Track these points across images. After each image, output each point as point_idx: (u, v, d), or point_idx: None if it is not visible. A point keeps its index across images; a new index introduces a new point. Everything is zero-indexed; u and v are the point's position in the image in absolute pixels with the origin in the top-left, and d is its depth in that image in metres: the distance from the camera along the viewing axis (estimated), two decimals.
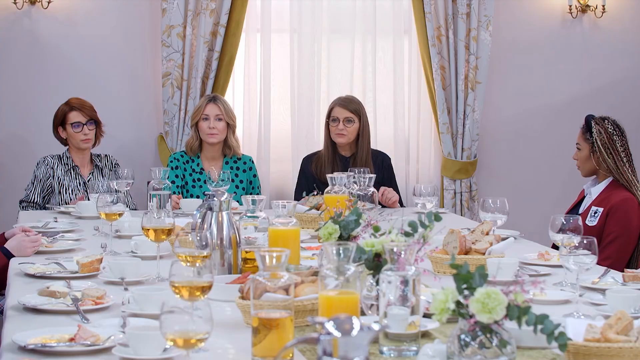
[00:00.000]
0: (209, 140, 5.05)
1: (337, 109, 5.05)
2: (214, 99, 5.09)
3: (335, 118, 5.04)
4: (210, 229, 2.93)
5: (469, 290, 1.97)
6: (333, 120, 5.05)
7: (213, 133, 5.02)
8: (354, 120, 5.03)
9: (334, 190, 3.95)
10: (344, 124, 5.01)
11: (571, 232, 3.01)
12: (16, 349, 2.22)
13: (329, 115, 5.07)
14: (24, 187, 5.17)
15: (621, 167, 4.15)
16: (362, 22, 5.96)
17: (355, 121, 5.04)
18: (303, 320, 2.40)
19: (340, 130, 5.02)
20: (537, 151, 6.32)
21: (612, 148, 4.15)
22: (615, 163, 4.15)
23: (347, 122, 5.02)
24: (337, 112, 5.04)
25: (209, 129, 5.02)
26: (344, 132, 5.02)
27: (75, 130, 5.00)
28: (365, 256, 2.47)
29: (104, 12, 5.72)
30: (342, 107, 5.04)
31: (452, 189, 6.07)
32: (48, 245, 3.57)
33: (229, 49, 5.69)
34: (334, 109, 5.06)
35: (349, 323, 1.57)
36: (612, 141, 4.15)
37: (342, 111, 5.03)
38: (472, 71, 5.94)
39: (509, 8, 6.20)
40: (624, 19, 6.33)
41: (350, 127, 5.02)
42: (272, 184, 5.93)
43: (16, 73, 5.64)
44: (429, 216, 2.60)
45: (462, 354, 1.95)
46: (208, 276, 2.18)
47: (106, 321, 2.43)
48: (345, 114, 5.02)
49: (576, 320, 2.26)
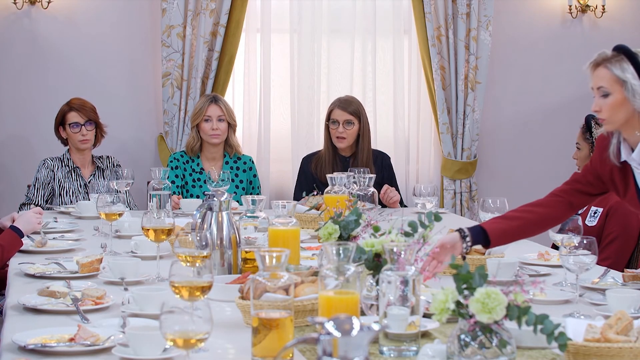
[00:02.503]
0: (211, 141, 5.05)
1: (337, 111, 5.02)
2: (214, 99, 5.08)
3: (334, 121, 5.02)
4: (210, 229, 2.93)
5: (468, 290, 1.97)
6: (333, 122, 5.03)
7: (216, 134, 5.03)
8: (354, 123, 5.01)
9: (334, 190, 3.95)
10: (344, 126, 4.99)
11: (571, 232, 3.01)
12: (16, 349, 2.22)
13: (329, 118, 5.06)
14: (24, 188, 5.17)
15: None
16: (362, 22, 5.96)
17: (355, 123, 5.01)
18: (303, 320, 2.40)
19: (340, 134, 5.00)
20: (537, 151, 6.32)
21: None
22: None
23: (347, 125, 5.00)
24: (336, 114, 5.01)
25: (212, 130, 5.02)
26: (344, 135, 5.00)
27: (74, 130, 5.00)
28: (365, 256, 2.47)
29: (104, 12, 5.72)
30: (342, 110, 5.01)
31: (452, 189, 6.07)
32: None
33: (229, 49, 5.69)
34: (334, 112, 5.03)
35: (348, 323, 1.57)
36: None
37: (341, 114, 5.01)
38: (472, 71, 5.94)
39: (509, 8, 6.20)
40: (624, 19, 6.33)
41: (350, 129, 5.00)
42: (272, 184, 5.93)
43: (16, 73, 5.64)
44: (429, 216, 2.60)
45: (462, 354, 1.95)
46: (208, 276, 2.18)
47: (106, 321, 2.43)
48: (344, 117, 5.00)
49: (576, 320, 2.26)
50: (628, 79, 2.79)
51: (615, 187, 2.98)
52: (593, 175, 3.01)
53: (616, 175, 2.95)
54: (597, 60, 2.86)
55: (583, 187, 3.02)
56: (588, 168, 3.04)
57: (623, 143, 2.91)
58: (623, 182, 2.95)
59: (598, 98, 2.86)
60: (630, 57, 2.80)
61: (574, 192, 3.02)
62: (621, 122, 2.85)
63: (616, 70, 2.81)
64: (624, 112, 2.82)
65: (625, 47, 2.83)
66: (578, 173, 3.10)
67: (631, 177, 2.93)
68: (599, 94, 2.86)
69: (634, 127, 2.85)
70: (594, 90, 2.88)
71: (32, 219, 3.59)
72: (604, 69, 2.83)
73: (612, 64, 2.82)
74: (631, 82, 2.79)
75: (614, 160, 2.92)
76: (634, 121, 2.83)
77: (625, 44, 2.87)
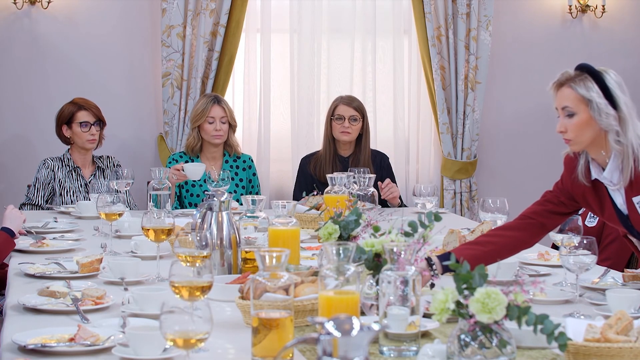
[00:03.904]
0: (214, 142, 5.05)
1: (342, 107, 5.07)
2: (217, 100, 5.08)
3: (340, 116, 5.05)
4: (210, 229, 2.94)
5: (469, 290, 1.97)
6: (338, 118, 5.06)
7: (219, 135, 5.03)
8: (358, 119, 5.07)
9: (334, 190, 3.96)
10: (349, 122, 5.04)
11: (571, 232, 3.01)
12: (16, 349, 2.22)
13: (333, 113, 5.08)
14: (24, 188, 5.17)
15: None
16: (362, 22, 5.96)
17: (359, 120, 5.07)
18: (303, 320, 2.41)
19: (346, 128, 5.04)
20: (537, 151, 6.32)
21: None
22: None
23: (352, 121, 5.05)
24: (342, 110, 5.06)
25: (215, 131, 5.02)
26: (349, 129, 5.05)
27: (83, 129, 4.98)
28: (365, 256, 2.47)
29: (104, 12, 5.72)
30: (347, 105, 5.07)
31: (452, 189, 6.07)
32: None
33: (228, 49, 5.69)
34: (339, 107, 5.08)
35: (348, 323, 1.57)
36: None
37: (347, 109, 5.06)
38: (472, 71, 5.94)
39: (509, 8, 6.20)
40: (623, 19, 6.33)
41: (355, 125, 5.06)
42: (271, 183, 5.93)
43: (16, 73, 5.63)
44: (429, 216, 2.60)
45: (462, 354, 1.95)
46: (208, 276, 2.18)
47: (106, 321, 2.43)
48: (350, 112, 5.05)
49: (576, 320, 2.26)
50: (593, 98, 2.76)
51: (590, 207, 2.95)
52: (565, 196, 2.97)
53: (589, 196, 2.91)
54: (560, 80, 2.83)
55: (555, 208, 2.97)
56: (560, 187, 2.99)
57: (592, 162, 2.89)
58: (597, 201, 2.91)
59: (563, 118, 2.84)
60: (594, 76, 2.78)
61: (545, 213, 2.96)
62: (588, 142, 2.82)
63: (581, 90, 2.78)
64: (589, 131, 2.80)
65: (589, 66, 2.81)
66: (549, 192, 3.02)
67: (606, 195, 2.89)
68: (563, 114, 2.84)
69: (600, 147, 2.82)
70: (559, 110, 2.86)
71: (15, 215, 3.59)
72: (568, 89, 2.80)
73: (576, 84, 2.79)
74: (596, 101, 2.76)
75: (582, 180, 2.89)
76: (600, 140, 2.81)
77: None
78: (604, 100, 2.76)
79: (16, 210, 3.63)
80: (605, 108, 2.76)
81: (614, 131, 2.77)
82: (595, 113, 2.77)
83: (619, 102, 2.77)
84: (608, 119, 2.76)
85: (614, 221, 2.93)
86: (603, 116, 2.76)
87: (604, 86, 2.77)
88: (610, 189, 2.88)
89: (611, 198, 2.89)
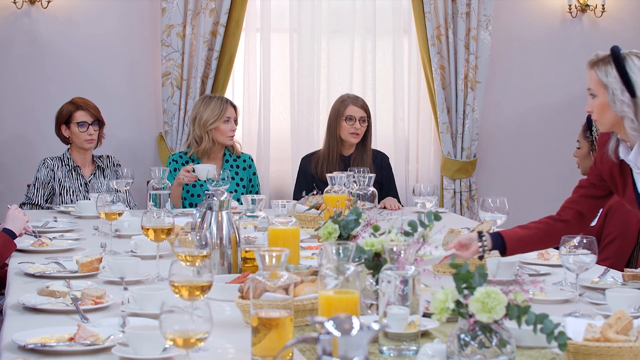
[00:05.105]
0: (229, 143, 5.06)
1: (353, 107, 5.07)
2: (228, 100, 5.09)
3: (351, 117, 5.06)
4: (210, 229, 2.94)
5: (468, 289, 1.97)
6: (349, 119, 5.06)
7: (233, 134, 5.05)
8: (366, 120, 5.08)
9: (334, 189, 3.95)
10: (360, 123, 5.05)
11: None
12: (16, 349, 2.22)
13: (343, 114, 5.07)
14: (24, 187, 5.17)
15: None
16: (362, 22, 5.96)
17: (366, 120, 5.08)
18: (303, 319, 2.41)
19: (357, 130, 5.05)
20: (537, 150, 6.32)
21: None
22: None
23: (362, 122, 5.07)
24: (353, 111, 5.06)
25: (231, 131, 5.03)
26: (359, 131, 5.06)
27: (81, 129, 4.98)
28: (365, 256, 2.47)
29: (104, 12, 5.72)
30: (357, 107, 5.08)
31: (451, 188, 6.08)
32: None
33: (228, 49, 5.69)
34: (349, 108, 5.07)
35: (348, 322, 1.57)
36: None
37: (358, 110, 5.07)
38: (472, 71, 5.94)
39: (509, 8, 6.20)
40: (623, 18, 6.33)
41: (364, 126, 5.07)
42: (271, 183, 5.93)
43: (16, 73, 5.63)
44: (429, 216, 2.60)
45: (461, 354, 1.95)
46: (208, 276, 2.18)
47: (106, 321, 2.42)
48: (361, 113, 5.07)
49: (576, 320, 2.26)
50: (610, 84, 2.80)
51: (615, 184, 2.98)
52: (596, 176, 3.01)
53: (616, 172, 2.96)
54: (590, 61, 2.89)
55: (587, 191, 3.03)
56: (592, 169, 3.06)
57: (621, 142, 2.92)
58: (622, 179, 2.95)
59: (590, 99, 2.89)
60: (616, 61, 2.80)
61: (580, 199, 3.03)
62: (610, 124, 2.86)
63: (600, 74, 2.82)
64: (609, 115, 2.84)
65: (617, 49, 2.84)
66: (582, 179, 3.10)
67: (629, 177, 2.93)
68: (589, 94, 2.89)
69: (620, 130, 2.86)
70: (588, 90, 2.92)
71: (17, 216, 3.57)
72: (592, 72, 2.86)
73: (599, 67, 2.84)
74: (612, 87, 2.80)
75: (611, 156, 2.93)
76: (619, 125, 2.84)
77: (624, 45, 2.88)
78: (621, 86, 2.79)
79: (19, 211, 3.61)
80: (621, 95, 2.79)
81: (629, 118, 2.79)
82: (610, 99, 2.80)
83: (635, 89, 2.78)
84: (622, 105, 2.79)
85: (632, 204, 2.96)
86: (617, 103, 2.79)
87: (624, 72, 2.78)
88: (634, 172, 2.91)
89: (634, 181, 2.91)
